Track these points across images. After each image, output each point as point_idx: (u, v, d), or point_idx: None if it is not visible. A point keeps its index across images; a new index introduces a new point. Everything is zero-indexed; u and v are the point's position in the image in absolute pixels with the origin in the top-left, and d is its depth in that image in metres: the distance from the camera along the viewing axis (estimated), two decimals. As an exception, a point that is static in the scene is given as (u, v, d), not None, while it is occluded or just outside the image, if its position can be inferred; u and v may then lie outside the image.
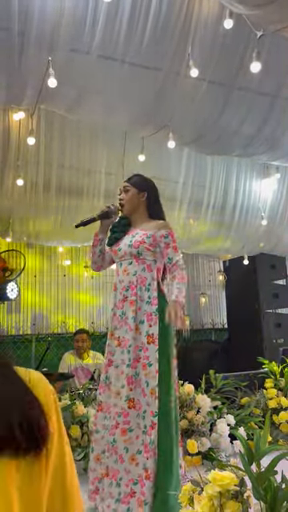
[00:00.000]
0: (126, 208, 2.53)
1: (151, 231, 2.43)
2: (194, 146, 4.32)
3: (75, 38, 2.99)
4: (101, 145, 4.46)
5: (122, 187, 2.56)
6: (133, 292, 2.35)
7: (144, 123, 3.80)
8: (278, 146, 4.21)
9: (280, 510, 1.26)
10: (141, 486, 2.16)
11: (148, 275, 2.38)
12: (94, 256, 2.60)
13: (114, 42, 3.04)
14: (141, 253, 2.39)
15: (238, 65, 3.37)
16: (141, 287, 2.36)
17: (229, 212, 5.40)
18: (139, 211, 2.53)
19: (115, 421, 2.28)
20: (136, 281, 2.36)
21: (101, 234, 2.57)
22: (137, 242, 2.40)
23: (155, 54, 3.18)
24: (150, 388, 2.24)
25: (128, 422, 2.25)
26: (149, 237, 2.41)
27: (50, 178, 4.44)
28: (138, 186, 2.53)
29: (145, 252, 2.39)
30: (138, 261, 2.39)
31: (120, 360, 2.32)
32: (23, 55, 2.96)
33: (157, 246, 2.41)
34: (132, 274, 2.38)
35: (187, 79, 3.34)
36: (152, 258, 2.41)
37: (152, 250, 2.40)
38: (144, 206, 2.54)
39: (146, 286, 2.36)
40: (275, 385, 3.83)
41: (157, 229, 2.43)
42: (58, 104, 3.45)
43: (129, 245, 2.42)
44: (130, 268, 2.40)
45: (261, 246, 5.97)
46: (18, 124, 4.03)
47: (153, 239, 2.40)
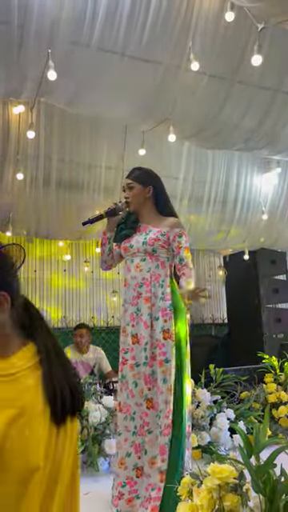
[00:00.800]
0: (132, 206, 2.48)
1: (165, 229, 2.42)
2: (194, 140, 4.31)
3: (75, 30, 2.97)
4: (101, 139, 4.44)
5: (126, 184, 2.51)
6: (147, 289, 2.34)
7: (144, 117, 3.78)
8: (279, 141, 4.19)
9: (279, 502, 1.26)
10: (157, 490, 2.12)
11: (162, 272, 2.37)
12: (103, 255, 2.56)
13: (115, 35, 3.02)
14: (155, 250, 2.39)
15: (239, 58, 3.35)
16: (155, 284, 2.35)
17: (230, 207, 5.39)
18: (147, 207, 2.50)
19: (143, 420, 2.25)
20: (150, 277, 2.35)
21: (109, 233, 2.53)
22: (152, 240, 2.39)
23: (156, 47, 3.16)
24: (167, 385, 2.21)
25: (147, 424, 2.22)
26: (163, 234, 2.40)
27: (50, 172, 4.43)
28: (143, 181, 2.48)
29: (159, 249, 2.39)
30: (151, 258, 2.38)
31: (139, 358, 2.30)
32: (22, 48, 2.94)
33: (170, 244, 2.41)
34: (146, 271, 2.37)
35: (188, 73, 3.32)
36: (166, 255, 2.41)
37: (166, 247, 2.40)
38: (151, 200, 2.50)
39: (159, 283, 2.36)
40: (275, 379, 3.84)
41: (170, 227, 2.42)
42: (57, 97, 3.43)
43: (143, 242, 2.40)
44: (144, 265, 2.38)
45: (261, 240, 5.96)
46: (17, 118, 4.01)
47: (167, 237, 2.40)
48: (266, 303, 6.04)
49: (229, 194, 5.32)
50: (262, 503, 1.27)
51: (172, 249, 2.41)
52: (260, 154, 4.75)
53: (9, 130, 4.05)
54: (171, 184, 4.92)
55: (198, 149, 4.79)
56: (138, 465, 2.24)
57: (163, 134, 3.94)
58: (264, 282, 6.09)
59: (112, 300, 6.29)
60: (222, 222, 5.47)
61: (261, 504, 1.27)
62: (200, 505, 1.27)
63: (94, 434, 2.95)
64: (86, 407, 3.03)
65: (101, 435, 2.96)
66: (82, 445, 2.92)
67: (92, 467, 2.89)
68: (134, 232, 2.47)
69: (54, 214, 4.80)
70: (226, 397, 3.48)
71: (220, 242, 5.90)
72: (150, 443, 2.20)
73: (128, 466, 2.25)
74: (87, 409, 3.02)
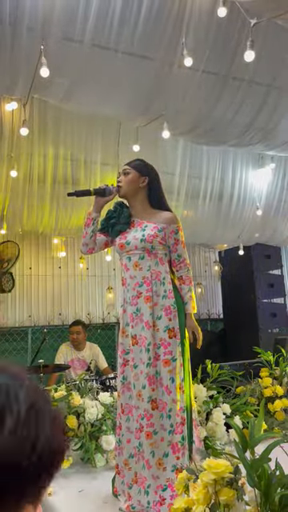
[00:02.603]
0: (123, 190, 2.41)
1: (161, 224, 2.36)
2: (188, 137, 4.30)
3: (68, 26, 2.95)
4: (95, 135, 4.43)
5: (122, 170, 2.46)
6: (148, 287, 2.28)
7: (138, 113, 3.77)
8: (273, 136, 4.19)
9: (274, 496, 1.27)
10: (171, 490, 2.07)
11: (162, 269, 2.32)
12: (85, 237, 2.45)
13: (107, 31, 3.01)
14: (154, 247, 2.33)
15: (233, 54, 3.34)
16: (156, 282, 2.29)
17: (225, 203, 5.40)
18: (138, 198, 2.43)
19: (139, 424, 2.20)
20: (150, 276, 2.29)
21: (94, 213, 2.43)
22: (150, 236, 2.33)
23: (149, 43, 3.15)
24: (175, 384, 2.18)
25: (152, 425, 2.17)
26: (160, 230, 2.35)
27: (45, 169, 4.41)
28: (139, 170, 2.43)
29: (157, 246, 2.34)
30: (150, 255, 2.32)
31: (138, 359, 2.25)
32: (15, 44, 2.92)
33: (167, 240, 2.36)
34: (146, 269, 2.31)
35: (181, 69, 3.31)
36: (163, 251, 2.36)
37: (163, 243, 2.35)
38: (144, 192, 2.43)
39: (160, 281, 2.30)
40: (270, 374, 3.86)
41: (167, 223, 2.37)
42: (51, 94, 3.42)
43: (141, 239, 2.34)
44: (143, 263, 2.32)
45: (256, 236, 5.98)
46: (10, 114, 3.99)
47: (164, 233, 2.35)
48: (261, 298, 6.07)
49: (224, 190, 5.33)
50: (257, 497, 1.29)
51: (168, 245, 2.37)
52: (254, 149, 4.76)
53: (2, 127, 4.03)
54: (166, 180, 4.91)
55: (192, 145, 4.79)
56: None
57: (157, 130, 3.93)
58: (259, 277, 6.12)
59: (108, 296, 6.29)
60: (217, 217, 5.48)
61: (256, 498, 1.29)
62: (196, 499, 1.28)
63: (90, 430, 2.95)
64: (83, 403, 3.04)
65: (97, 431, 2.97)
66: (78, 441, 2.93)
67: (89, 463, 2.91)
68: (129, 227, 2.41)
69: (48, 211, 4.78)
70: (222, 392, 3.50)
71: (215, 237, 5.91)
72: (156, 444, 2.15)
73: (132, 467, 2.23)
74: (84, 405, 3.03)
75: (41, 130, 4.16)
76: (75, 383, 3.34)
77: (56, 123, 4.20)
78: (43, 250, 6.04)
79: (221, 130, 4.00)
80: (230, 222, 5.56)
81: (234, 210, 5.47)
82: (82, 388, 3.25)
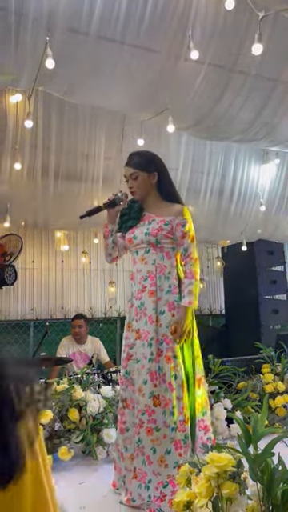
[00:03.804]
0: (138, 195, 2.36)
1: (169, 217, 2.30)
2: (193, 131, 4.28)
3: (73, 18, 2.93)
4: (99, 129, 4.41)
5: (129, 175, 2.36)
6: (152, 282, 2.24)
7: (143, 107, 3.75)
8: (278, 132, 4.17)
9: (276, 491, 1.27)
10: (172, 486, 2.05)
11: (167, 263, 2.27)
12: (107, 249, 2.46)
13: (113, 23, 2.98)
14: (159, 241, 2.28)
15: (239, 47, 3.32)
16: (160, 276, 2.25)
17: (227, 198, 5.38)
18: (152, 194, 2.38)
19: (139, 419, 2.16)
20: (155, 270, 2.25)
21: (110, 225, 2.43)
22: (155, 230, 2.28)
23: (155, 36, 3.12)
24: (178, 381, 2.15)
25: (154, 421, 2.13)
26: (167, 224, 2.29)
27: (48, 162, 4.40)
28: (147, 168, 2.35)
29: (163, 240, 2.28)
30: (155, 249, 2.28)
31: (141, 354, 2.21)
32: (20, 35, 2.90)
33: (175, 233, 2.30)
34: (151, 263, 2.27)
35: (187, 62, 3.29)
36: (171, 245, 2.30)
37: (171, 237, 2.30)
38: (155, 187, 2.37)
39: (165, 275, 2.26)
40: (272, 370, 3.86)
41: (174, 215, 2.30)
42: (55, 86, 3.40)
43: (146, 233, 2.30)
44: (148, 257, 2.28)
45: (259, 232, 5.97)
46: (15, 106, 3.98)
47: (171, 226, 2.29)
48: (263, 294, 6.06)
49: (226, 185, 5.31)
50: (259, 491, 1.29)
51: (176, 238, 2.30)
52: (258, 145, 4.73)
53: (6, 119, 4.02)
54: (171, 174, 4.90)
55: (196, 139, 4.77)
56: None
57: (161, 124, 3.91)
58: (262, 273, 6.11)
59: (110, 291, 6.29)
60: (220, 212, 5.47)
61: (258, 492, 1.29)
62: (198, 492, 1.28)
63: (92, 423, 2.96)
64: (84, 397, 3.05)
65: (99, 424, 2.98)
66: (80, 434, 2.94)
67: (90, 456, 2.92)
68: (139, 222, 2.37)
69: (51, 205, 4.78)
70: (223, 387, 3.50)
71: (217, 232, 5.90)
72: (158, 442, 2.12)
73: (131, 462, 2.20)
74: (86, 398, 3.03)
75: (45, 123, 4.14)
76: (77, 377, 3.35)
77: (60, 116, 4.19)
78: (46, 244, 6.04)
79: (225, 124, 3.97)
80: (232, 217, 5.55)
81: (236, 205, 5.46)
82: (83, 381, 3.25)
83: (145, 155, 2.42)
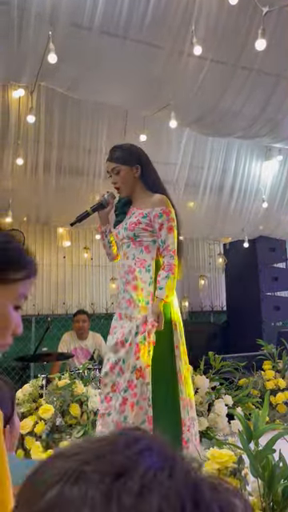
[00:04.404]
0: (122, 191, 2.34)
1: (147, 209, 2.27)
2: (195, 127, 4.26)
3: (76, 12, 2.92)
4: (102, 124, 4.40)
5: (111, 169, 2.33)
6: (133, 276, 2.25)
7: (146, 102, 3.74)
8: (281, 128, 4.15)
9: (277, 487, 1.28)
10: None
11: (147, 256, 2.25)
12: (105, 248, 2.50)
13: (116, 18, 2.97)
14: (137, 235, 2.26)
15: (243, 43, 3.30)
16: (140, 270, 2.24)
17: (227, 194, 5.37)
18: (137, 187, 2.35)
19: (122, 397, 2.16)
20: (134, 264, 2.25)
21: (103, 227, 2.44)
22: (132, 224, 2.27)
23: (158, 31, 3.11)
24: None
25: (135, 395, 2.13)
26: (145, 216, 2.26)
27: (50, 158, 4.39)
28: (128, 162, 2.31)
29: (142, 233, 2.26)
30: (135, 243, 2.27)
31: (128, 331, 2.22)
32: (23, 30, 2.89)
33: (153, 225, 2.25)
34: (131, 258, 2.27)
35: (190, 57, 3.27)
36: (151, 238, 2.27)
37: (150, 229, 2.26)
38: (140, 179, 2.33)
39: (145, 268, 2.25)
40: (273, 366, 3.87)
41: (151, 207, 2.26)
42: (58, 81, 3.39)
43: (125, 228, 2.30)
44: (129, 251, 2.29)
45: (260, 228, 5.95)
46: (17, 102, 3.97)
47: (149, 219, 2.25)
48: (265, 291, 6.05)
49: (226, 181, 5.30)
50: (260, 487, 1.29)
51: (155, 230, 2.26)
52: (261, 141, 4.72)
53: (8, 115, 4.01)
54: (171, 170, 4.89)
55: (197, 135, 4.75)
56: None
57: (163, 119, 3.90)
58: (263, 270, 6.10)
59: (112, 287, 6.30)
60: (221, 209, 5.46)
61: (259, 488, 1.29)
62: (199, 488, 1.29)
63: (93, 418, 2.97)
64: (86, 392, 3.06)
65: (100, 420, 2.99)
66: (81, 429, 2.95)
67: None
68: (125, 216, 2.36)
69: (53, 200, 4.77)
70: (224, 383, 3.50)
71: (218, 229, 5.89)
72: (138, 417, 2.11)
73: None
74: (87, 394, 3.04)
75: (47, 118, 4.13)
76: (78, 372, 3.36)
77: (62, 111, 4.17)
78: (48, 239, 6.04)
79: (228, 120, 3.96)
80: (232, 214, 5.53)
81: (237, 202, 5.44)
82: (85, 377, 3.26)
83: (127, 149, 2.37)
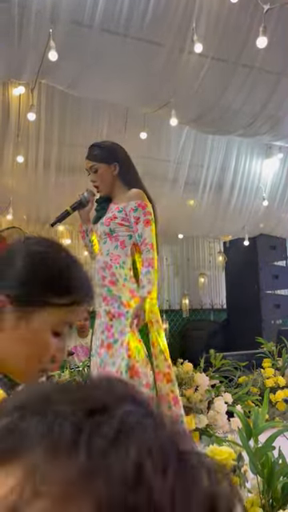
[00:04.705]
0: (102, 189, 2.32)
1: (122, 204, 2.24)
2: (196, 125, 4.26)
3: (77, 10, 2.91)
4: (102, 121, 4.39)
5: (89, 167, 2.32)
6: (109, 271, 2.22)
7: (146, 100, 3.74)
8: (282, 126, 4.15)
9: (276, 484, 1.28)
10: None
11: (121, 252, 2.22)
12: (87, 248, 2.48)
13: (117, 15, 2.97)
14: (113, 230, 2.23)
15: (244, 40, 3.29)
16: (116, 266, 2.21)
17: (227, 192, 5.37)
18: (117, 184, 2.32)
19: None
20: (109, 260, 2.22)
21: (84, 225, 2.41)
22: (107, 220, 2.25)
23: (159, 28, 3.10)
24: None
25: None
26: (120, 211, 2.23)
27: (50, 155, 4.39)
28: (106, 160, 2.28)
29: (118, 228, 2.23)
30: (111, 238, 2.24)
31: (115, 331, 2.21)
32: (23, 27, 2.89)
33: (129, 219, 2.22)
34: (106, 254, 2.25)
35: (191, 55, 3.27)
36: (127, 232, 2.23)
37: (126, 224, 2.22)
38: (119, 176, 2.31)
39: (120, 264, 2.22)
40: (273, 364, 3.88)
41: (127, 201, 2.23)
42: (58, 79, 3.38)
43: (101, 223, 2.28)
44: (104, 247, 2.27)
45: (261, 226, 5.96)
46: (17, 99, 3.96)
47: (124, 213, 2.22)
48: (265, 289, 6.06)
49: (226, 179, 5.30)
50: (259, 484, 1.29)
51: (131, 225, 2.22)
52: (262, 139, 4.71)
53: (9, 112, 4.01)
54: (171, 167, 4.89)
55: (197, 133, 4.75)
56: None
57: (163, 117, 3.90)
58: (264, 268, 6.10)
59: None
60: (221, 207, 5.46)
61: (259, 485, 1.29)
62: (199, 485, 1.29)
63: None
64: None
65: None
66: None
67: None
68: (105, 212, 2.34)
69: (53, 198, 4.77)
70: (224, 381, 3.51)
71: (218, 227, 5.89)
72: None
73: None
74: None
75: (47, 116, 4.13)
76: (79, 370, 3.36)
77: (62, 109, 4.17)
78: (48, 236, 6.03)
79: (228, 118, 3.96)
80: (233, 212, 5.53)
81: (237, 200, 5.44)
82: (85, 374, 3.27)
83: (105, 147, 2.35)
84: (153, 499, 0.25)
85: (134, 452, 0.25)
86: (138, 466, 0.25)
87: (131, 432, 0.26)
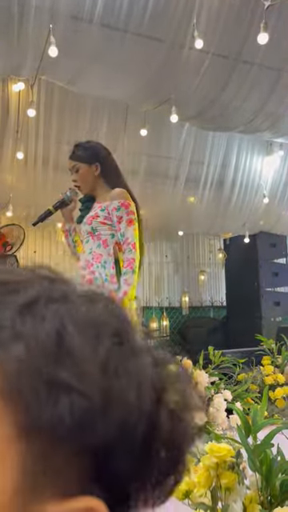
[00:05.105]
0: (84, 189, 2.31)
1: (105, 203, 2.23)
2: (196, 122, 4.25)
3: (76, 5, 2.90)
4: (102, 118, 4.38)
5: (71, 167, 2.31)
6: (90, 270, 2.19)
7: (146, 96, 3.72)
8: (282, 122, 4.14)
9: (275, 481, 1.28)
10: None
11: (104, 251, 2.20)
12: (70, 248, 2.45)
13: (117, 11, 2.95)
14: (95, 229, 2.21)
15: (244, 36, 3.28)
16: (98, 265, 2.19)
17: (228, 189, 5.36)
18: (99, 184, 2.30)
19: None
20: (91, 259, 2.20)
21: (67, 224, 2.40)
22: (90, 218, 2.23)
23: (159, 24, 3.09)
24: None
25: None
26: (103, 209, 2.21)
27: (49, 152, 4.38)
28: (87, 160, 2.27)
29: (100, 227, 2.21)
30: (93, 237, 2.22)
31: None
32: (23, 23, 2.88)
33: (112, 218, 2.20)
34: (88, 252, 2.22)
35: (191, 51, 3.25)
36: (109, 231, 2.21)
37: (109, 223, 2.21)
38: (101, 176, 2.29)
39: (101, 264, 2.19)
40: (272, 362, 3.88)
41: (110, 200, 2.21)
42: (58, 75, 3.37)
43: (84, 222, 2.27)
44: (87, 246, 2.24)
45: (261, 223, 5.95)
46: (17, 95, 3.95)
47: (107, 212, 2.20)
48: (265, 287, 6.05)
49: (227, 176, 5.29)
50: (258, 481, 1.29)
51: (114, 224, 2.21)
52: (262, 136, 4.70)
53: (8, 108, 3.99)
54: (171, 164, 4.88)
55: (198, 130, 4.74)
56: None
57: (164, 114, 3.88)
58: (264, 265, 6.10)
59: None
60: (221, 204, 5.45)
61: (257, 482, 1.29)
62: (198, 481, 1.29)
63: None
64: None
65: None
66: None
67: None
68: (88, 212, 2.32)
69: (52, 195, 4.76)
70: (223, 378, 3.51)
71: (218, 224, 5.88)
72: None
73: None
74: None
75: (47, 112, 4.12)
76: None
77: (62, 105, 4.16)
78: (48, 234, 6.03)
79: (229, 115, 3.94)
80: (233, 209, 5.53)
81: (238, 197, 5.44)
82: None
83: (87, 147, 2.34)
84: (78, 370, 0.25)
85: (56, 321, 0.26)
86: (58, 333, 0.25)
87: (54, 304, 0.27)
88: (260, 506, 1.25)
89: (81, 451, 0.25)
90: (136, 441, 0.26)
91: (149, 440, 0.27)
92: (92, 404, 0.25)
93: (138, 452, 0.27)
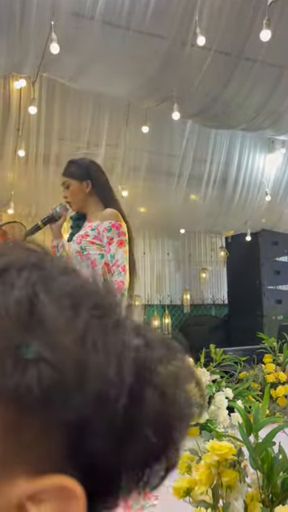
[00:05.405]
0: (74, 205, 2.29)
1: (96, 222, 2.20)
2: (198, 119, 4.24)
3: (78, 2, 2.89)
4: (103, 116, 4.37)
5: (62, 183, 2.32)
6: None
7: (148, 94, 3.72)
8: (284, 120, 4.12)
9: (276, 479, 1.28)
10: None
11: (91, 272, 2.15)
12: None
13: (119, 8, 2.94)
14: (84, 248, 2.19)
15: (246, 33, 3.27)
16: None
17: (231, 187, 5.35)
18: (90, 202, 2.28)
19: None
20: None
21: (55, 240, 2.38)
22: (79, 237, 2.21)
23: (161, 21, 3.08)
24: None
25: None
26: (93, 229, 2.19)
27: (51, 149, 4.37)
28: (78, 177, 2.26)
29: (88, 246, 2.19)
30: (82, 257, 2.19)
31: None
32: (24, 20, 2.87)
33: (102, 238, 2.18)
34: None
35: (193, 48, 3.24)
36: (98, 251, 2.19)
37: (98, 243, 2.18)
38: (93, 194, 2.27)
39: None
40: (274, 360, 3.87)
41: (101, 220, 2.19)
42: (60, 72, 3.37)
43: (73, 240, 2.25)
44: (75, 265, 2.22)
45: (263, 221, 5.94)
46: (18, 92, 3.94)
47: (97, 231, 2.18)
48: (267, 285, 6.05)
49: (230, 174, 5.28)
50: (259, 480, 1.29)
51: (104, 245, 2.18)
52: (264, 133, 4.69)
53: (9, 105, 3.99)
54: (174, 162, 4.87)
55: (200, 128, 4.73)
56: None
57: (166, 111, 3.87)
58: (265, 263, 6.09)
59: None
60: (223, 202, 5.44)
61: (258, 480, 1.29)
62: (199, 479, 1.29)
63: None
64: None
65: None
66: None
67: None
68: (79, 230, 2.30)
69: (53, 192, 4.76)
70: (225, 376, 3.51)
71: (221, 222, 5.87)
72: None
73: None
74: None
75: (48, 109, 4.11)
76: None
77: (64, 102, 4.15)
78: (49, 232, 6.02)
79: (231, 112, 3.93)
80: (236, 207, 5.52)
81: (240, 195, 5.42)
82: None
83: (80, 164, 2.33)
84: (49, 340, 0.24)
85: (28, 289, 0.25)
86: (30, 301, 0.25)
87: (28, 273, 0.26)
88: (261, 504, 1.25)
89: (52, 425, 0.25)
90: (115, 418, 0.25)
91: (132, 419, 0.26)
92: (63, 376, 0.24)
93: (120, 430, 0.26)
